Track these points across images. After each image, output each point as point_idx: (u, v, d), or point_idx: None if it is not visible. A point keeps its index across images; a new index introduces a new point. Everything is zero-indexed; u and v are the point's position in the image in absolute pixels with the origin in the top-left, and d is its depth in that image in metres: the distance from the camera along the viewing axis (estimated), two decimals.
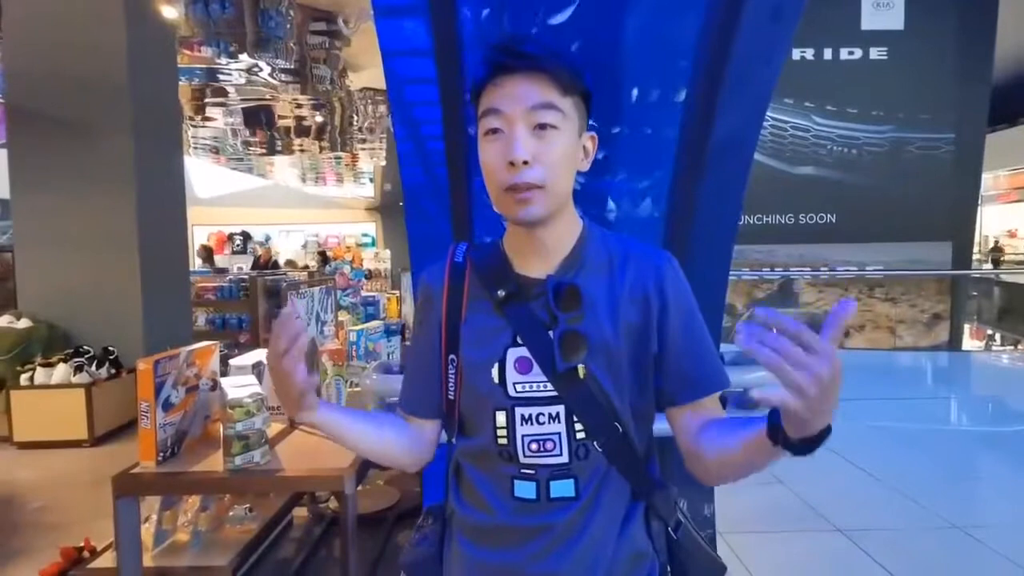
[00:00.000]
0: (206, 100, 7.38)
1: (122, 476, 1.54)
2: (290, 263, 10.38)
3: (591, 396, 0.79)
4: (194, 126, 8.28)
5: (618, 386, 0.80)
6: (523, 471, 0.81)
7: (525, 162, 0.76)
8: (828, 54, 7.29)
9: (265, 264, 9.50)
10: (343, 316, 3.43)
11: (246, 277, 6.73)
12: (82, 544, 2.05)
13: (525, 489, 0.81)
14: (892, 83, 7.23)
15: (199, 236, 11.97)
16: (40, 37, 4.52)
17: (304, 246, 13.40)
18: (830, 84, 7.29)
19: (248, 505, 1.96)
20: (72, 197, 4.63)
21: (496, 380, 0.81)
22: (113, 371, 4.47)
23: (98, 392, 4.27)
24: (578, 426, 0.79)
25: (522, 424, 0.81)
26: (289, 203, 13.34)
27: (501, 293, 0.82)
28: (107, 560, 1.74)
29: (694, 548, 0.87)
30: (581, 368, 0.78)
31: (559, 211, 0.81)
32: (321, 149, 9.15)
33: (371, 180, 12.23)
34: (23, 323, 4.46)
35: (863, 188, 7.33)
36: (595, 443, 0.79)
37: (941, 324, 7.65)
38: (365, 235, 14.05)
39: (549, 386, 0.80)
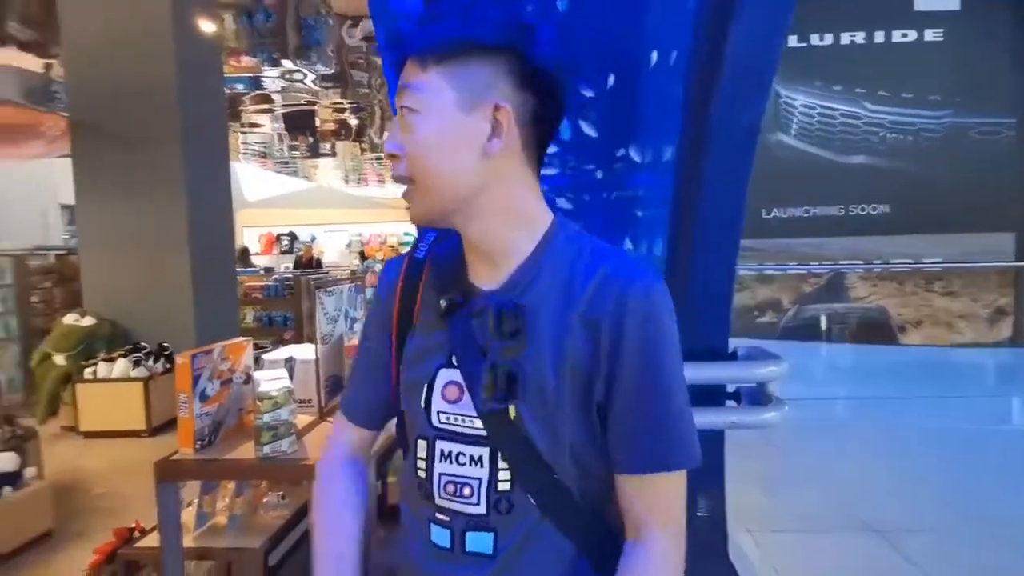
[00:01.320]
0: (252, 107, 7.68)
1: (163, 462, 1.65)
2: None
3: (524, 442, 0.65)
4: (242, 132, 8.63)
5: (553, 434, 0.65)
6: (438, 515, 0.69)
7: (392, 155, 0.66)
8: (880, 37, 6.98)
9: (308, 263, 9.82)
10: None
11: (291, 276, 6.98)
12: (133, 525, 2.21)
13: (440, 535, 0.69)
14: (949, 66, 6.87)
15: (249, 237, 12.49)
16: (98, 56, 4.81)
17: (348, 246, 13.77)
18: (882, 69, 6.99)
19: (281, 492, 2.06)
20: (129, 203, 4.92)
21: (423, 403, 0.70)
22: (168, 366, 4.73)
23: (154, 386, 4.53)
24: (503, 475, 0.66)
25: (440, 460, 0.69)
26: (334, 204, 13.74)
27: (443, 303, 0.69)
28: (152, 540, 1.86)
29: None
30: (512, 409, 0.64)
31: (466, 207, 0.66)
32: (362, 151, 9.39)
33: None
34: (87, 321, 4.77)
35: (919, 177, 6.99)
36: (529, 496, 0.66)
37: (1004, 319, 7.22)
38: (407, 234, 14.34)
39: (477, 423, 0.66)
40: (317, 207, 13.53)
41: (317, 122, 8.14)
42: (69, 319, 4.79)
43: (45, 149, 6.25)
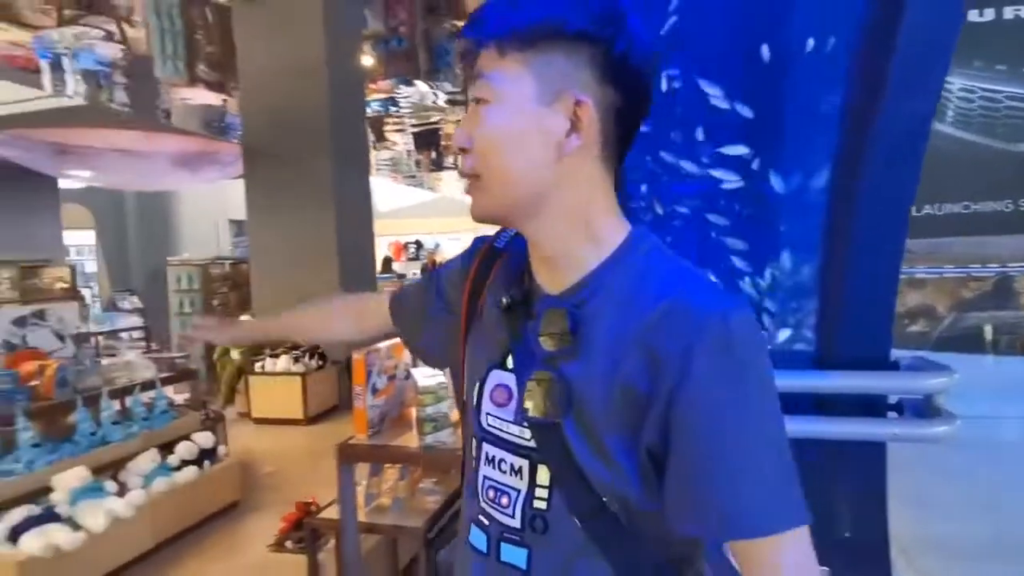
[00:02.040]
0: (389, 127, 8.35)
1: (344, 445, 1.92)
2: None
3: (568, 457, 0.59)
4: (376, 149, 9.39)
5: (599, 453, 0.58)
6: (480, 517, 0.67)
7: (463, 149, 0.61)
8: None
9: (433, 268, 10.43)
10: None
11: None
12: (310, 500, 2.55)
13: (477, 538, 0.67)
14: None
15: (380, 245, 13.50)
16: (266, 89, 5.51)
17: None
18: None
19: (435, 479, 2.28)
20: (289, 217, 5.56)
21: (475, 402, 0.68)
22: (320, 363, 5.29)
23: (310, 380, 5.09)
24: (540, 491, 0.61)
25: (486, 464, 0.66)
26: (455, 213, 14.48)
27: (505, 300, 0.66)
28: (330, 513, 2.15)
29: None
30: (559, 422, 0.59)
31: (535, 208, 0.60)
32: None
33: None
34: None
35: None
36: (574, 518, 0.60)
37: None
38: None
39: (522, 430, 0.62)
40: (440, 216, 14.32)
41: (442, 138, 8.66)
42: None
43: (220, 173, 7.23)
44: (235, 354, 5.32)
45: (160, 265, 7.46)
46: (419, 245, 13.75)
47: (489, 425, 0.66)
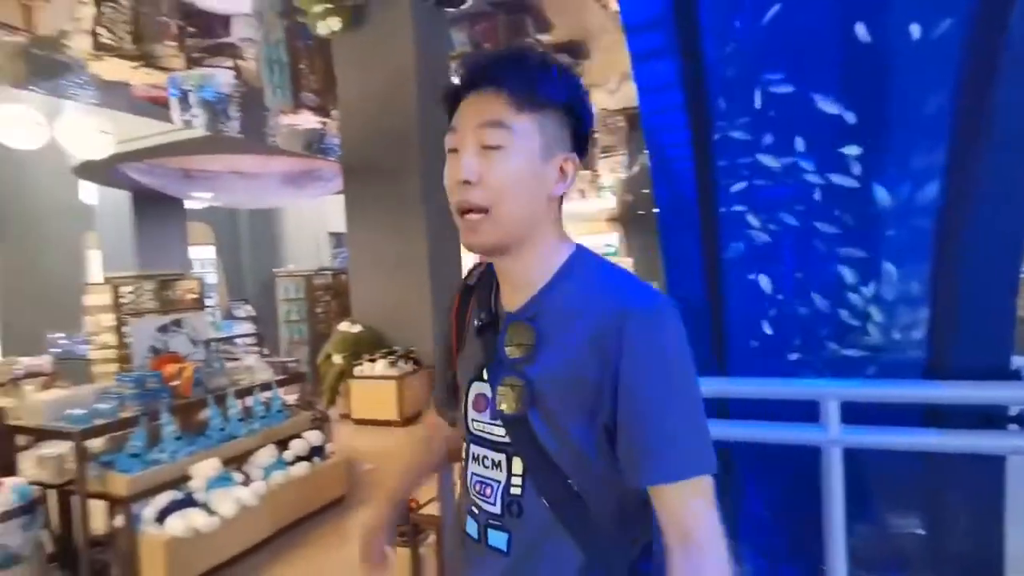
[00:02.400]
0: None
1: None
2: None
3: (537, 447, 0.72)
4: None
5: (563, 441, 0.71)
6: (472, 507, 0.80)
7: (466, 182, 0.71)
8: None
9: None
10: None
11: None
12: (411, 497, 2.71)
13: (471, 526, 0.80)
14: None
15: (470, 254, 13.89)
16: (362, 111, 5.89)
17: None
18: None
19: None
20: (384, 230, 5.89)
21: (463, 411, 0.81)
22: (415, 367, 5.55)
23: (404, 384, 5.36)
24: (515, 479, 0.74)
25: (472, 462, 0.79)
26: None
27: (476, 323, 0.81)
28: (430, 509, 2.28)
29: None
30: (525, 416, 0.72)
31: (522, 241, 0.74)
32: None
33: (612, 192, 12.69)
34: (356, 328, 5.84)
35: None
36: (542, 499, 0.72)
37: None
38: (608, 245, 14.60)
39: (499, 430, 0.75)
40: None
41: None
42: (343, 326, 5.91)
43: (322, 189, 7.79)
44: (337, 358, 5.70)
45: (269, 276, 8.13)
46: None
47: (475, 429, 0.79)
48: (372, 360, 5.51)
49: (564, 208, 0.78)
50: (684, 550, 0.66)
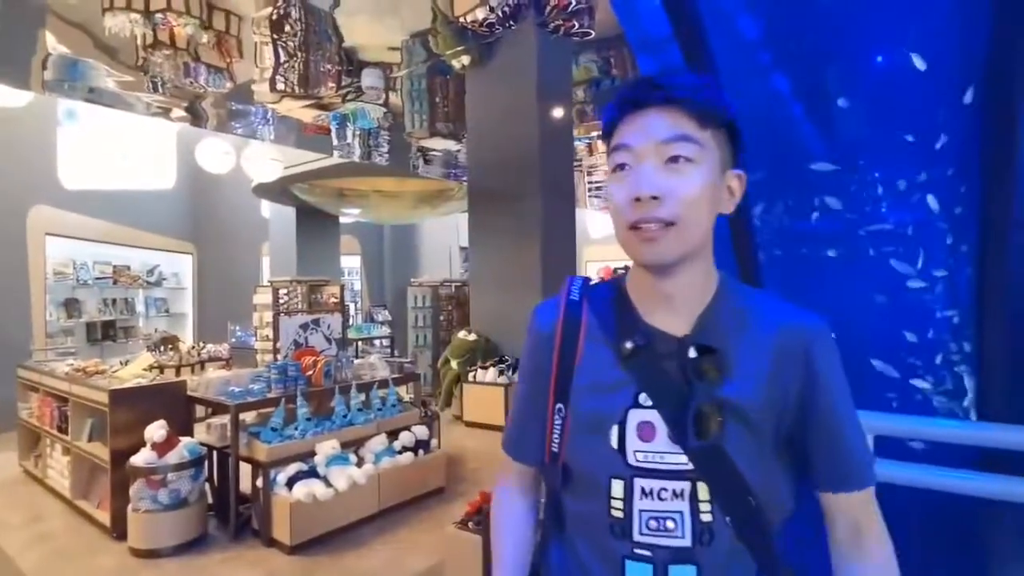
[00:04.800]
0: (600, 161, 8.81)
1: None
2: None
3: (733, 473, 0.70)
4: (589, 182, 9.93)
5: (756, 463, 0.72)
6: (637, 551, 0.72)
7: (654, 197, 0.69)
8: None
9: None
10: None
11: None
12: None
13: (639, 572, 0.72)
14: None
15: (591, 270, 14.06)
16: (488, 135, 6.36)
17: None
18: None
19: None
20: (503, 248, 6.28)
21: (615, 445, 0.73)
22: None
23: (512, 391, 5.66)
24: (704, 506, 0.71)
25: (641, 498, 0.72)
26: None
27: (628, 345, 0.74)
28: None
29: None
30: (721, 444, 0.71)
31: (693, 258, 0.73)
32: None
33: None
34: (472, 336, 6.27)
35: None
36: (727, 520, 0.71)
37: None
38: None
39: (675, 458, 0.71)
40: None
41: None
42: (461, 334, 6.38)
43: (455, 207, 8.43)
44: (454, 363, 6.17)
45: (405, 285, 8.96)
46: (627, 270, 13.96)
47: (639, 461, 0.72)
48: (485, 367, 5.88)
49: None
50: (865, 546, 0.75)
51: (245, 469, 3.32)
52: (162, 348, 6.10)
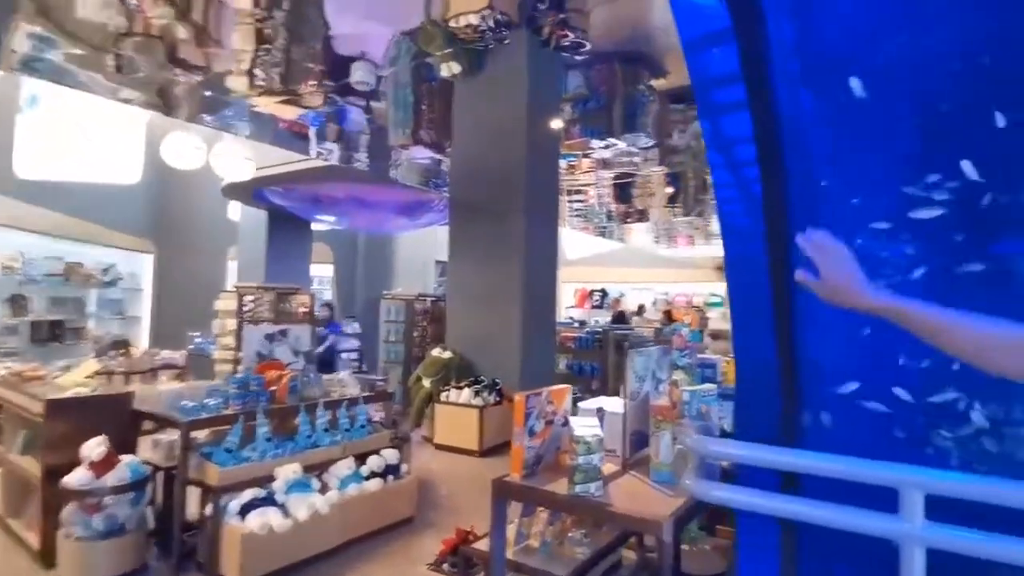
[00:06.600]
0: (581, 179, 8.72)
1: (498, 482, 2.03)
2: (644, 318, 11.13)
3: None
4: (570, 201, 9.84)
5: None
6: None
7: None
8: None
9: (619, 317, 10.41)
10: (678, 375, 3.59)
11: (600, 330, 7.52)
12: (470, 528, 2.71)
13: None
14: None
15: (566, 292, 13.92)
16: (473, 148, 6.19)
17: (654, 303, 14.11)
18: None
19: (584, 531, 2.28)
20: (482, 263, 6.08)
21: None
22: (498, 399, 5.60)
23: (487, 414, 5.42)
24: None
25: None
26: (641, 263, 14.39)
27: None
28: (484, 544, 2.27)
29: None
30: None
31: None
32: (675, 214, 9.69)
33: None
34: (447, 354, 6.02)
35: None
36: None
37: None
38: (713, 295, 13.98)
39: None
40: (625, 266, 14.33)
41: (635, 190, 8.78)
42: (435, 351, 6.12)
43: (434, 218, 8.21)
44: (426, 381, 5.89)
45: (377, 297, 8.65)
46: (604, 293, 13.88)
47: None
48: (459, 387, 5.63)
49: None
50: None
51: (194, 493, 2.99)
52: (111, 353, 5.67)
